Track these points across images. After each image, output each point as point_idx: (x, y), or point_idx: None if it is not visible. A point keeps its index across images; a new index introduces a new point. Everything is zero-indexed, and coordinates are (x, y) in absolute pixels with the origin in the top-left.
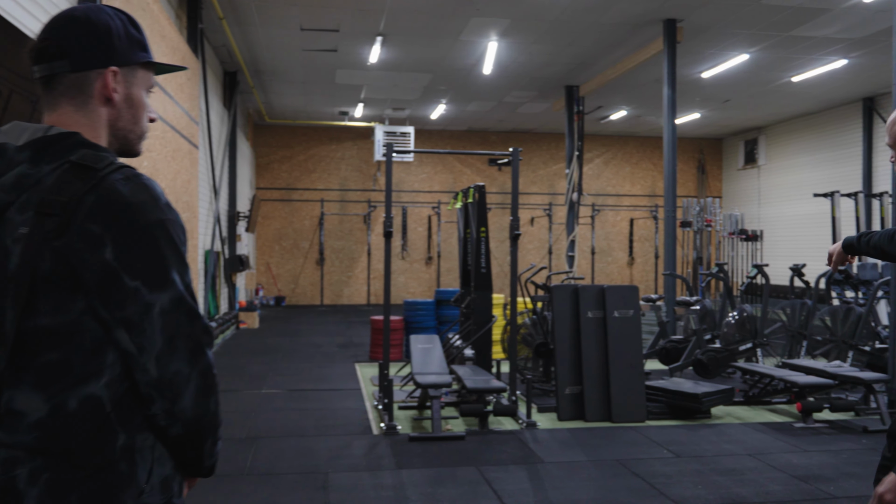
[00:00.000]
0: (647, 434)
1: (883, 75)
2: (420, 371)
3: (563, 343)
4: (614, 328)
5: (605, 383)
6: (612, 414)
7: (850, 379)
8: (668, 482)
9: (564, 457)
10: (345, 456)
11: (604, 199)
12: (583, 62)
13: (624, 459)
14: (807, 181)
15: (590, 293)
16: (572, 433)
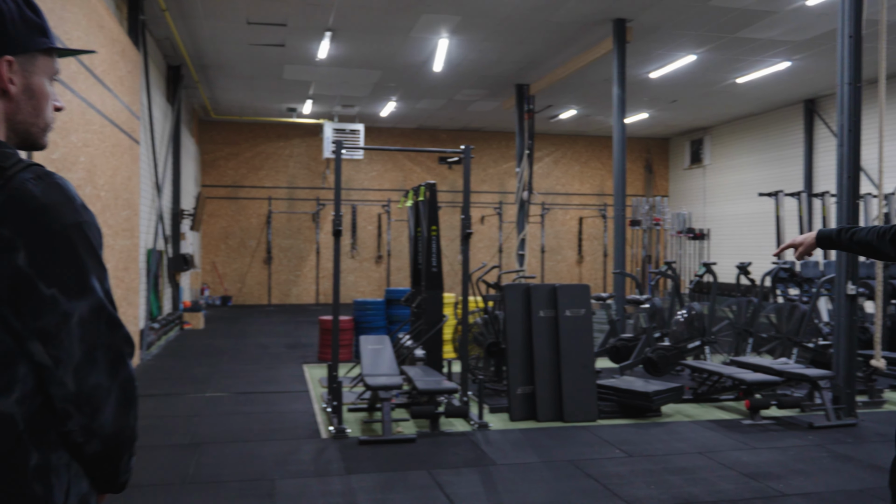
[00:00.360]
0: (599, 434)
1: (824, 78)
2: (370, 372)
3: (515, 342)
4: (566, 327)
5: (557, 383)
6: (563, 413)
7: (796, 376)
8: (621, 483)
9: (517, 458)
10: (292, 461)
11: (553, 198)
12: (533, 61)
13: (576, 460)
14: (750, 181)
15: (542, 292)
16: (524, 434)
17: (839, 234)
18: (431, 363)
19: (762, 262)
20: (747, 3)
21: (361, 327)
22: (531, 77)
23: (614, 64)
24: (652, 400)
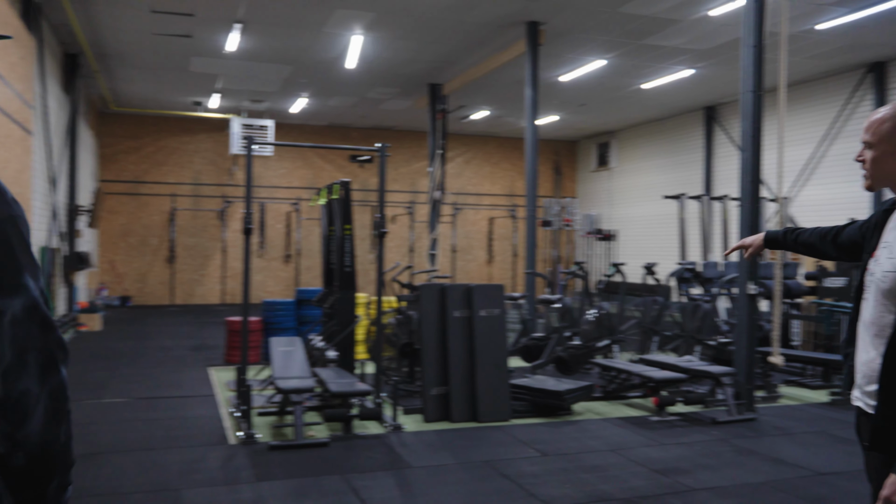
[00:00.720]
0: (513, 433)
1: (723, 86)
2: (281, 375)
3: (430, 343)
4: (481, 327)
5: (471, 383)
6: (477, 414)
7: (700, 373)
8: (537, 482)
9: (432, 460)
10: (199, 469)
11: (464, 198)
12: (447, 60)
13: (492, 460)
14: (654, 184)
15: (456, 292)
16: (439, 435)
17: (785, 235)
18: (344, 365)
19: (667, 263)
20: (654, 11)
21: (271, 328)
22: (444, 77)
23: (527, 66)
24: (564, 399)
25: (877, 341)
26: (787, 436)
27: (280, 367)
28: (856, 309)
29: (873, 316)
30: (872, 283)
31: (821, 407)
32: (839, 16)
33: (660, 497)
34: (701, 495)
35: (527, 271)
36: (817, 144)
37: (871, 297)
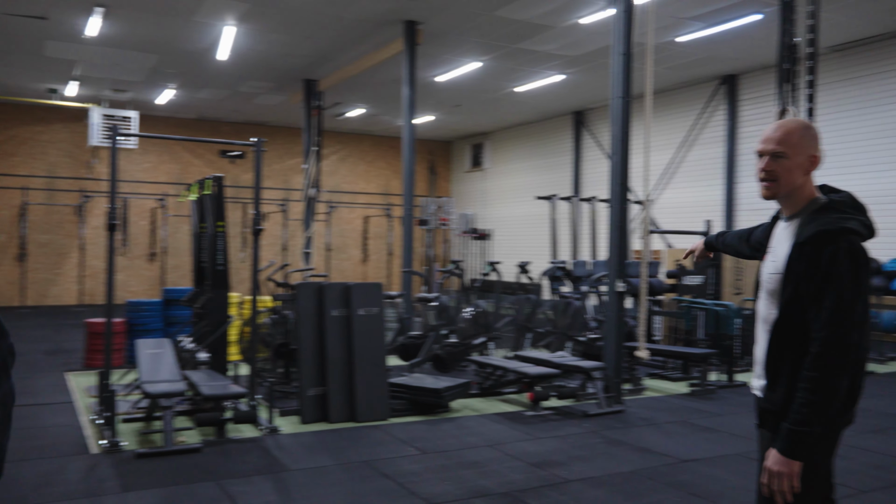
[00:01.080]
0: (392, 432)
1: (592, 92)
2: (149, 379)
3: (307, 343)
4: (359, 326)
5: (350, 383)
6: (356, 414)
7: (572, 368)
8: (417, 480)
9: (311, 462)
10: (57, 482)
11: (339, 197)
12: (323, 56)
13: (371, 460)
14: (527, 184)
15: (334, 291)
16: (317, 436)
17: (717, 238)
18: (216, 367)
19: (540, 262)
20: (528, 16)
21: (136, 330)
22: (320, 73)
23: (404, 65)
24: (442, 396)
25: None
26: (652, 426)
27: (147, 371)
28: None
29: (764, 313)
30: (763, 284)
31: (681, 398)
32: (697, 30)
33: (537, 489)
34: (575, 486)
35: (404, 270)
36: (676, 150)
37: (763, 296)
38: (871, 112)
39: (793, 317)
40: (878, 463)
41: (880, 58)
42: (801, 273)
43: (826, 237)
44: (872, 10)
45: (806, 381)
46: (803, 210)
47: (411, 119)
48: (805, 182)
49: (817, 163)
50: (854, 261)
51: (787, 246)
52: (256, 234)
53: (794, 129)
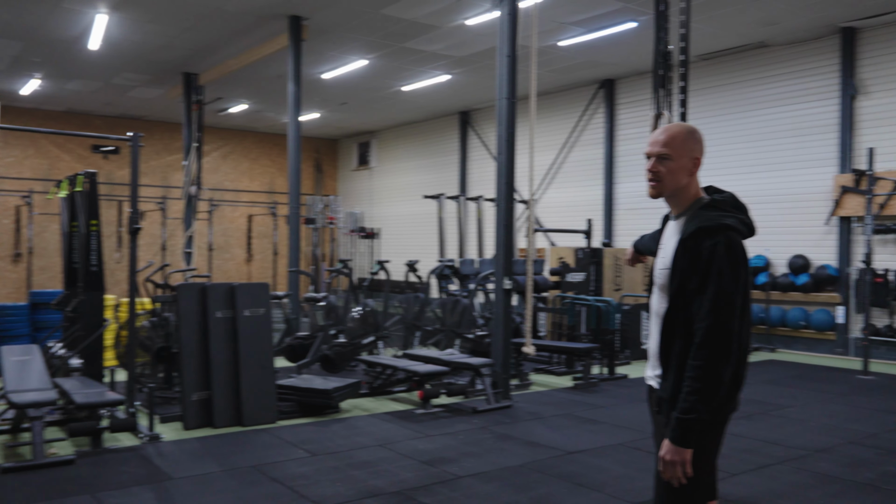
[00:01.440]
0: (280, 435)
1: (478, 92)
2: (15, 388)
3: (189, 346)
4: (245, 328)
5: (235, 386)
6: (242, 417)
7: (461, 365)
8: (307, 483)
9: (195, 469)
10: None
11: (222, 195)
12: (203, 49)
13: (259, 465)
14: (414, 183)
15: (218, 292)
16: (201, 442)
17: (640, 241)
18: (91, 373)
19: (428, 260)
20: (415, 16)
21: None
22: (201, 66)
23: (289, 61)
24: (331, 397)
25: (657, 329)
26: (539, 420)
27: (14, 380)
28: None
29: (656, 307)
30: (655, 280)
31: (566, 391)
32: (578, 35)
33: (428, 487)
34: (466, 482)
35: (290, 269)
36: (559, 151)
37: (655, 291)
38: (734, 118)
39: (679, 309)
40: (747, 447)
41: (743, 67)
42: (685, 267)
43: (706, 233)
44: (737, 23)
45: (691, 371)
46: (688, 209)
47: (297, 116)
48: (690, 183)
49: (699, 165)
50: (732, 254)
51: (673, 242)
52: (133, 233)
53: (678, 133)
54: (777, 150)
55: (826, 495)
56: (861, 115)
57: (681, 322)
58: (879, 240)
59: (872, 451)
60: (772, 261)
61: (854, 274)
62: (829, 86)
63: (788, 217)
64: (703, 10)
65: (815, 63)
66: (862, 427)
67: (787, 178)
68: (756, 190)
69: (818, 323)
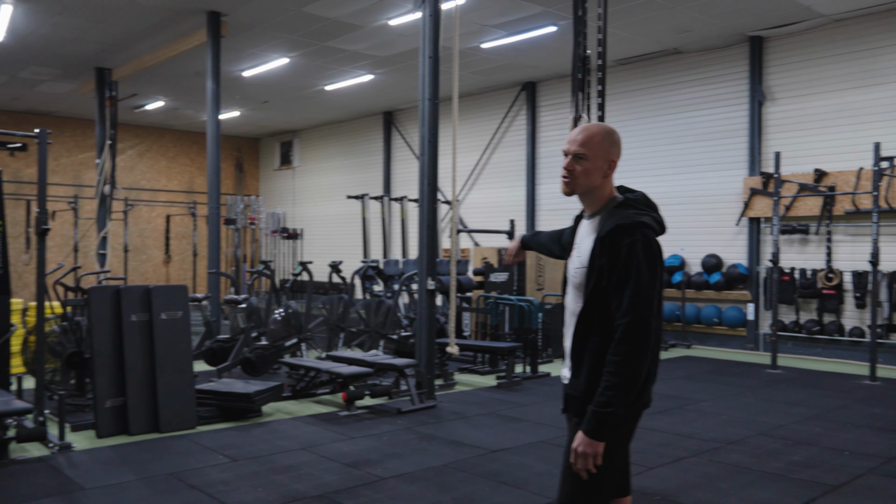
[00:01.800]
0: (200, 441)
1: (401, 92)
2: None
3: (103, 351)
4: (162, 331)
5: (152, 391)
6: (159, 424)
7: (385, 366)
8: (228, 489)
9: (110, 479)
10: None
11: (138, 194)
12: (117, 44)
13: (178, 472)
14: (337, 183)
15: (133, 295)
16: (116, 451)
17: (531, 238)
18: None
19: (352, 261)
20: (337, 15)
21: None
22: (114, 61)
23: (208, 58)
24: (253, 401)
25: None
26: (463, 419)
27: None
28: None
29: (572, 306)
30: (569, 279)
31: (490, 390)
32: (499, 38)
33: (352, 490)
34: (390, 483)
35: (210, 271)
36: (482, 152)
37: (570, 291)
38: (650, 121)
39: (596, 307)
40: (663, 441)
41: (659, 72)
42: (603, 265)
43: (624, 230)
44: (653, 30)
45: (610, 366)
46: (603, 208)
47: (217, 114)
48: (604, 183)
49: (615, 166)
50: (649, 252)
51: (590, 241)
52: (41, 234)
53: (596, 134)
54: (691, 153)
55: (736, 485)
56: (768, 121)
57: (596, 319)
58: (786, 240)
59: (780, 442)
60: (687, 260)
61: (763, 272)
62: (739, 92)
63: (702, 218)
64: (620, 17)
65: (726, 70)
66: (770, 419)
67: (700, 180)
68: (671, 191)
69: (730, 320)
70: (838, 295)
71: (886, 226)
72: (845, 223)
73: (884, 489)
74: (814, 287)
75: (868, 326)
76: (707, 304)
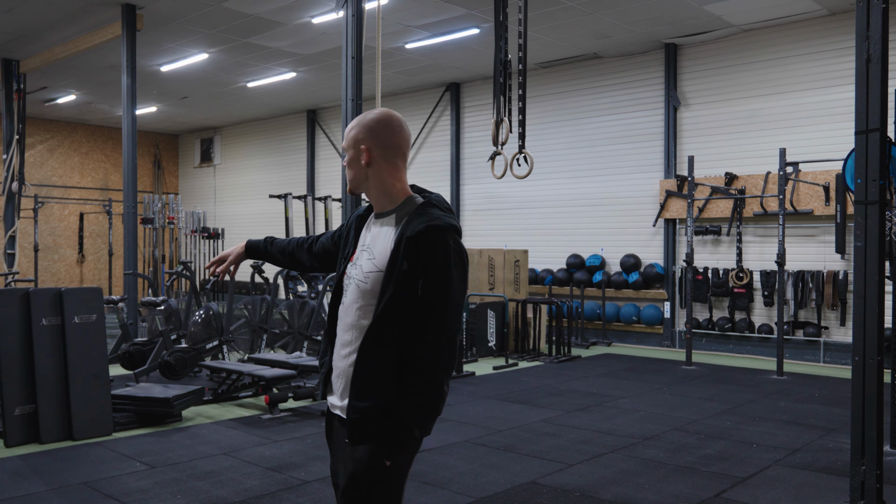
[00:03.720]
0: (116, 448)
1: (324, 91)
2: None
3: (11, 356)
4: (74, 335)
5: (65, 397)
6: (73, 431)
7: (309, 368)
8: (145, 498)
9: (19, 490)
10: None
11: (49, 191)
12: (25, 34)
13: (92, 481)
14: (260, 182)
15: (44, 298)
16: (25, 460)
17: (265, 244)
18: None
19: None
20: (259, 11)
21: None
22: (22, 53)
23: (123, 52)
24: (172, 405)
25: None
26: None
27: None
28: (333, 316)
29: (352, 319)
30: (352, 287)
31: None
32: (423, 38)
33: (274, 494)
34: (313, 486)
35: (127, 272)
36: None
37: (348, 302)
38: (571, 124)
39: (392, 318)
40: (584, 438)
41: (579, 76)
42: (406, 269)
43: (436, 231)
44: (573, 35)
45: (415, 386)
46: (400, 207)
47: (133, 110)
48: (392, 177)
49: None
50: (459, 259)
51: (388, 243)
52: None
53: (351, 125)
54: (610, 156)
55: (652, 480)
56: (683, 126)
57: (392, 332)
58: (699, 240)
59: (693, 437)
60: (606, 259)
61: (678, 272)
62: (656, 97)
63: (620, 218)
64: (541, 21)
65: (643, 75)
66: (684, 414)
67: (619, 182)
68: (591, 192)
69: (648, 318)
70: (748, 293)
71: (791, 227)
72: (754, 224)
73: (788, 479)
74: (726, 286)
75: (775, 324)
76: (626, 303)
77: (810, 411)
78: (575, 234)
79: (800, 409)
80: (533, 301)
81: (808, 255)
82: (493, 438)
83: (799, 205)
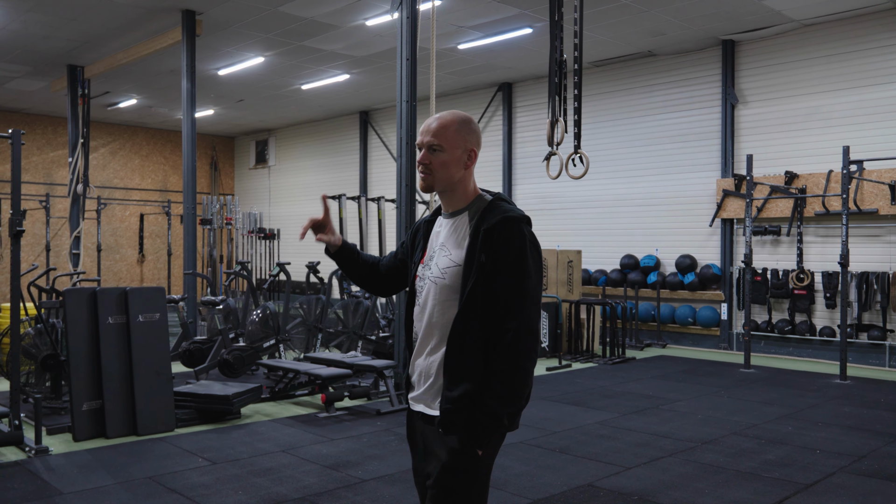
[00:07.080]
0: (179, 444)
1: (377, 93)
2: None
3: (79, 354)
4: (139, 334)
5: (130, 394)
6: (137, 427)
7: (364, 367)
8: (208, 493)
9: (87, 483)
10: None
11: (111, 193)
12: (90, 41)
13: (157, 475)
14: (313, 183)
15: (110, 297)
16: (93, 454)
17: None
18: None
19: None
20: (314, 14)
21: None
22: (87, 59)
23: (183, 56)
24: (232, 403)
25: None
26: None
27: None
28: (409, 319)
29: (436, 317)
30: (427, 287)
31: None
32: (476, 39)
33: (332, 492)
34: (371, 485)
35: (187, 272)
36: None
37: (430, 302)
38: (625, 123)
39: (473, 309)
40: (640, 441)
41: (634, 74)
42: (485, 260)
43: (512, 223)
44: (627, 32)
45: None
46: (470, 205)
47: (192, 113)
48: (465, 177)
49: (475, 157)
50: (535, 250)
51: (464, 237)
52: (16, 236)
53: (451, 122)
54: (665, 155)
55: (712, 485)
56: (741, 124)
57: (474, 323)
58: (758, 241)
59: (754, 441)
60: (661, 260)
61: (736, 273)
62: (712, 95)
63: (676, 219)
64: (596, 20)
65: (699, 73)
66: (744, 418)
67: (674, 181)
68: (646, 192)
69: (704, 319)
70: (809, 295)
71: (855, 227)
72: (815, 224)
73: (854, 487)
74: (785, 287)
75: (838, 326)
76: (682, 304)
77: (876, 417)
78: (629, 234)
79: (865, 414)
80: (586, 302)
81: (872, 256)
82: (548, 440)
83: (863, 204)
